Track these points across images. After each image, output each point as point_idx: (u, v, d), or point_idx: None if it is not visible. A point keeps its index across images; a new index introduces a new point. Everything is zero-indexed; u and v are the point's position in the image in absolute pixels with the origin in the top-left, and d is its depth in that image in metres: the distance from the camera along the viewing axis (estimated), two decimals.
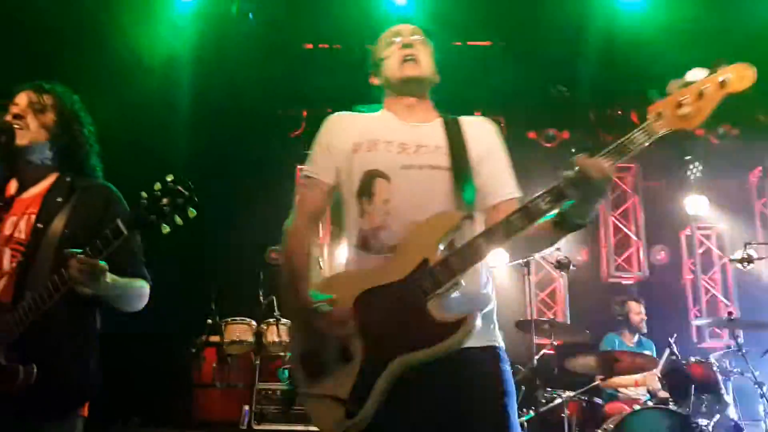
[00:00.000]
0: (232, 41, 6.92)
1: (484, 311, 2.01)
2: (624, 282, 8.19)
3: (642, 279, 8.14)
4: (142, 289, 2.44)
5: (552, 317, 7.56)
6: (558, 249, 5.46)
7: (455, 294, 1.91)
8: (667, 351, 5.42)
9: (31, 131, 2.40)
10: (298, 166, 8.80)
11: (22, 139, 2.39)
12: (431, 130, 2.20)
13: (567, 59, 7.05)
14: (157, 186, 2.03)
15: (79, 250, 2.09)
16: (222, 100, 7.41)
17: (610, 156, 1.88)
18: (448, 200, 2.07)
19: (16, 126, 2.38)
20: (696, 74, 1.89)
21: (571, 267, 5.58)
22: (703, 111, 1.85)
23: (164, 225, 2.03)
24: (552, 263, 6.33)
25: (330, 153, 2.23)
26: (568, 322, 7.43)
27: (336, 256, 7.57)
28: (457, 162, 2.10)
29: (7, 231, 2.34)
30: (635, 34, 6.53)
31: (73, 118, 2.49)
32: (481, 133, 2.24)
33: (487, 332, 2.03)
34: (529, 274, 5.82)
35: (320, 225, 2.28)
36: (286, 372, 4.01)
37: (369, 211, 2.10)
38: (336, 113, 2.37)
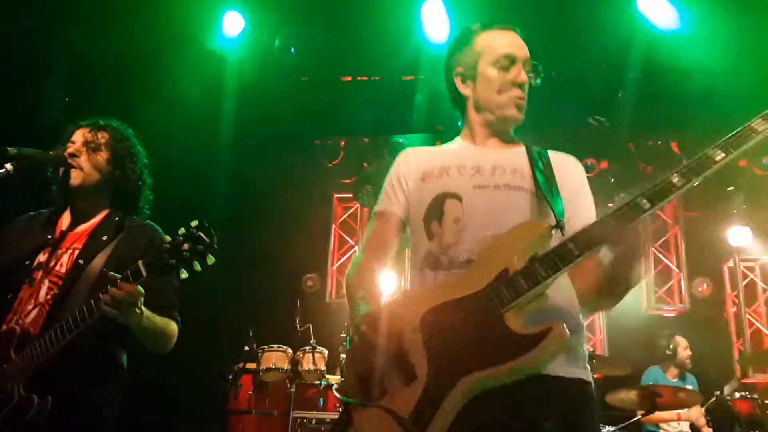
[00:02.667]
0: (273, 74, 7.08)
1: (574, 329, 1.73)
2: (665, 314, 8.02)
3: (683, 311, 7.97)
4: (172, 330, 2.46)
5: (591, 350, 7.42)
6: None
7: (538, 308, 1.66)
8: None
9: (84, 172, 2.48)
10: (335, 195, 8.95)
11: (75, 180, 2.47)
12: (511, 154, 2.06)
13: (606, 88, 7.03)
14: (182, 231, 2.08)
15: (119, 275, 2.13)
16: (262, 131, 7.56)
17: (729, 147, 1.75)
18: (527, 217, 1.90)
19: (71, 165, 2.46)
20: None
21: None
22: None
23: (183, 270, 2.07)
24: None
25: (400, 185, 2.12)
26: (607, 354, 7.29)
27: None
28: (541, 185, 1.94)
29: (51, 263, 2.40)
30: (676, 63, 6.49)
31: (126, 155, 2.56)
32: (572, 170, 2.09)
33: (576, 362, 1.80)
34: None
35: (388, 258, 2.12)
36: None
37: (438, 233, 1.94)
38: (410, 148, 2.25)
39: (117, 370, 2.46)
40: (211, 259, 2.08)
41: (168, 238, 2.09)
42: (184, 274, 2.08)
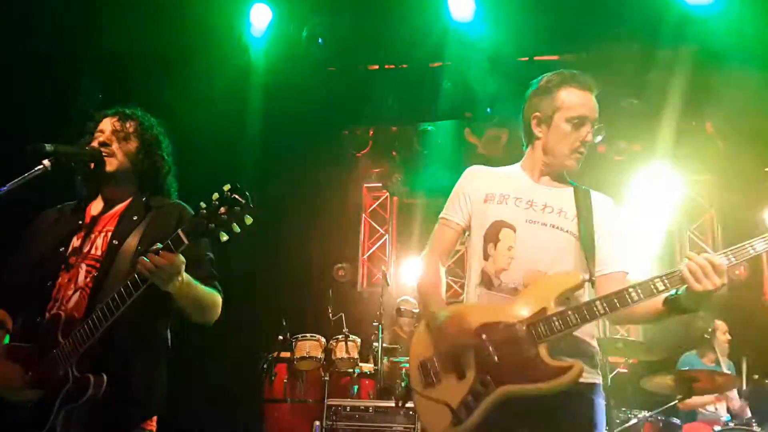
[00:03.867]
0: (302, 64, 7.11)
1: (590, 358, 2.28)
2: None
3: (719, 295, 7.81)
4: (215, 299, 2.47)
5: (625, 335, 7.34)
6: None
7: (564, 343, 2.18)
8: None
9: (117, 159, 2.53)
10: (365, 185, 8.97)
11: (110, 167, 2.52)
12: (560, 194, 2.44)
13: (637, 70, 6.91)
14: (215, 196, 2.09)
15: (160, 245, 2.16)
16: (290, 122, 7.59)
17: (728, 256, 2.14)
18: (567, 260, 2.33)
19: (104, 154, 2.51)
20: None
21: None
22: None
23: (222, 233, 2.08)
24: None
25: (465, 200, 2.50)
26: (642, 339, 7.20)
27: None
28: (583, 230, 2.35)
29: (85, 248, 2.45)
30: (709, 43, 6.35)
31: (153, 143, 2.61)
32: (610, 214, 2.45)
33: (591, 373, 2.28)
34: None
35: (449, 258, 2.57)
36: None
37: (493, 255, 2.37)
38: (475, 166, 2.60)
39: (163, 345, 2.50)
40: (249, 220, 2.08)
41: (203, 204, 2.10)
42: (224, 237, 2.08)
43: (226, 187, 2.09)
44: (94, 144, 2.53)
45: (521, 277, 2.29)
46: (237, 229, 2.08)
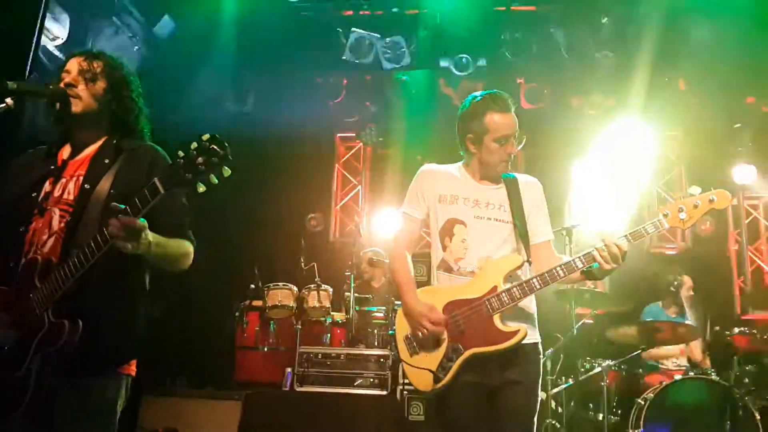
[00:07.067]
0: (273, 8, 6.94)
1: (531, 321, 2.95)
2: (667, 252, 8.07)
3: (685, 249, 8.01)
4: (185, 249, 2.45)
5: (592, 286, 7.48)
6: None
7: (512, 310, 2.81)
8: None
9: (83, 100, 2.45)
10: (338, 134, 8.88)
11: (76, 107, 2.44)
12: (497, 192, 3.03)
13: (613, 24, 6.88)
14: (194, 145, 2.04)
15: (123, 206, 2.12)
16: (263, 67, 7.45)
17: (627, 238, 2.72)
18: (510, 245, 2.95)
19: (70, 94, 2.44)
20: (694, 190, 2.72)
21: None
22: (694, 217, 2.74)
23: (200, 183, 2.04)
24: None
25: (422, 198, 3.05)
26: (608, 291, 7.36)
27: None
28: (518, 221, 2.97)
29: (57, 192, 2.41)
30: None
31: (122, 84, 2.53)
32: (532, 191, 3.06)
33: (533, 333, 2.91)
34: (570, 243, 5.76)
35: (415, 247, 3.12)
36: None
37: (449, 246, 2.96)
38: (426, 166, 3.13)
39: (141, 290, 2.49)
40: (227, 171, 2.05)
41: (181, 152, 2.05)
42: (201, 188, 2.04)
43: (205, 137, 2.04)
44: (61, 85, 2.46)
45: (476, 261, 2.90)
46: (215, 180, 2.04)
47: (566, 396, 5.25)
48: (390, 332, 5.48)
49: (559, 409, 5.22)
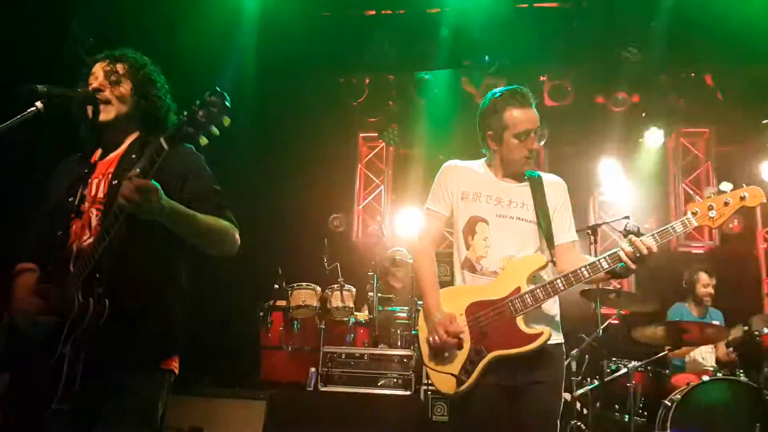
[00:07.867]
0: (295, 9, 6.96)
1: (554, 322, 2.90)
2: (694, 251, 7.94)
3: (713, 248, 7.88)
4: (221, 225, 2.43)
5: (618, 286, 7.40)
6: (627, 217, 5.35)
7: (535, 312, 2.77)
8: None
9: (113, 104, 2.49)
10: (361, 134, 8.89)
11: (107, 114, 2.48)
12: (521, 190, 2.97)
13: (637, 20, 6.80)
14: (196, 103, 2.07)
15: (136, 170, 2.15)
16: (285, 69, 7.47)
17: (655, 238, 2.66)
18: (533, 245, 2.90)
19: (99, 100, 2.47)
20: (725, 186, 2.65)
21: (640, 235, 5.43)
22: (725, 215, 2.66)
23: (202, 136, 2.06)
24: (620, 231, 6.18)
25: (446, 195, 3.00)
26: (634, 291, 7.28)
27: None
28: (542, 219, 2.90)
29: (91, 193, 2.47)
30: None
31: (147, 82, 2.55)
32: (556, 191, 3.00)
33: (556, 334, 2.86)
34: (595, 242, 5.71)
35: (439, 243, 3.10)
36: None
37: (472, 245, 2.91)
38: (450, 162, 3.07)
39: (178, 284, 2.51)
40: (227, 121, 2.06)
41: (186, 111, 2.08)
42: (204, 141, 2.07)
43: (207, 93, 2.07)
44: (90, 89, 2.50)
45: (499, 261, 2.85)
46: (216, 131, 2.06)
47: (591, 397, 5.19)
48: (413, 332, 5.47)
49: (584, 411, 5.17)
